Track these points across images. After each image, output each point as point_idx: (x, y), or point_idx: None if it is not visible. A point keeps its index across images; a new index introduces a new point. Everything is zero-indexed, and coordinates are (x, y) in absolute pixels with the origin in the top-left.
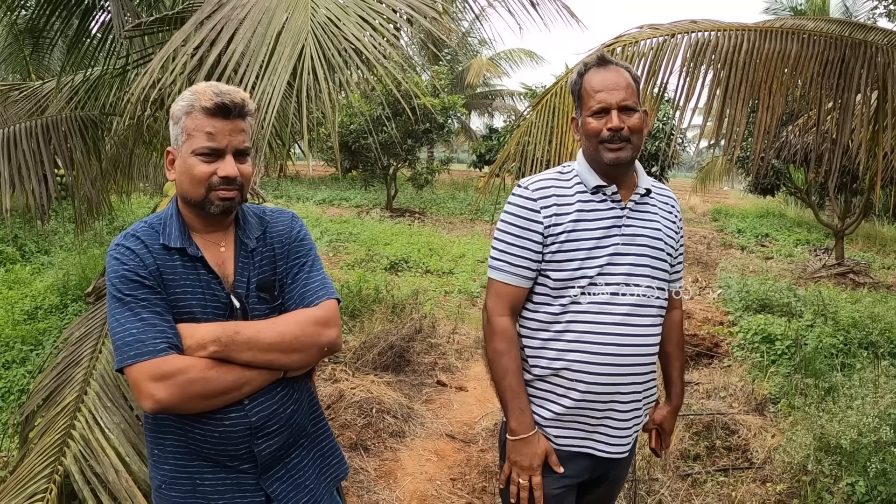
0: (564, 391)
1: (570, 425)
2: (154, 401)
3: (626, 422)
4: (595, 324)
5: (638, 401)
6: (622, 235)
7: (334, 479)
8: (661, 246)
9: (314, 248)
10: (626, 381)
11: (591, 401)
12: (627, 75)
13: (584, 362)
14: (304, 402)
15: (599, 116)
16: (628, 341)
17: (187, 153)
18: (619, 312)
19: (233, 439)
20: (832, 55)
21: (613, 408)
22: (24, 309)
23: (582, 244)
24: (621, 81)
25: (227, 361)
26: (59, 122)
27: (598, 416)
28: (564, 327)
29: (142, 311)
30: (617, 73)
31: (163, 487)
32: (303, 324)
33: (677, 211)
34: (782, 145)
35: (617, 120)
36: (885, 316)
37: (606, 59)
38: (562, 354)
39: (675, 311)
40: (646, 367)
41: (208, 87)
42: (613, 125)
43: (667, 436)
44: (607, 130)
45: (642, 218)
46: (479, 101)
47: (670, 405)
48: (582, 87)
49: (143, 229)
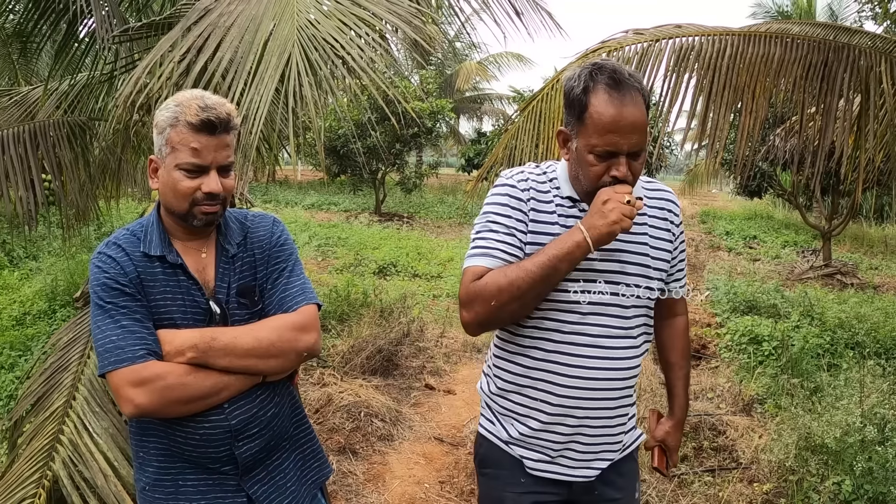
0: (528, 411)
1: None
2: (134, 406)
3: (591, 445)
4: (566, 343)
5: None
6: (601, 250)
7: (315, 482)
8: (645, 261)
9: (295, 252)
10: (596, 403)
11: (557, 423)
12: (641, 104)
13: (552, 382)
14: (286, 405)
15: (604, 159)
16: (598, 361)
17: (171, 166)
18: (593, 332)
19: (213, 441)
20: (815, 59)
21: (581, 431)
22: (13, 314)
23: None
24: (638, 120)
25: (205, 367)
26: (46, 128)
27: (564, 440)
28: (533, 343)
29: (122, 318)
30: (633, 106)
31: (147, 489)
32: (280, 329)
33: (674, 214)
34: (769, 149)
35: (625, 170)
36: (871, 316)
37: (621, 79)
38: (530, 372)
39: (680, 318)
40: (619, 382)
41: (194, 99)
42: (621, 174)
43: (672, 453)
44: (610, 177)
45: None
46: (467, 104)
47: (673, 419)
48: (587, 112)
49: (125, 237)
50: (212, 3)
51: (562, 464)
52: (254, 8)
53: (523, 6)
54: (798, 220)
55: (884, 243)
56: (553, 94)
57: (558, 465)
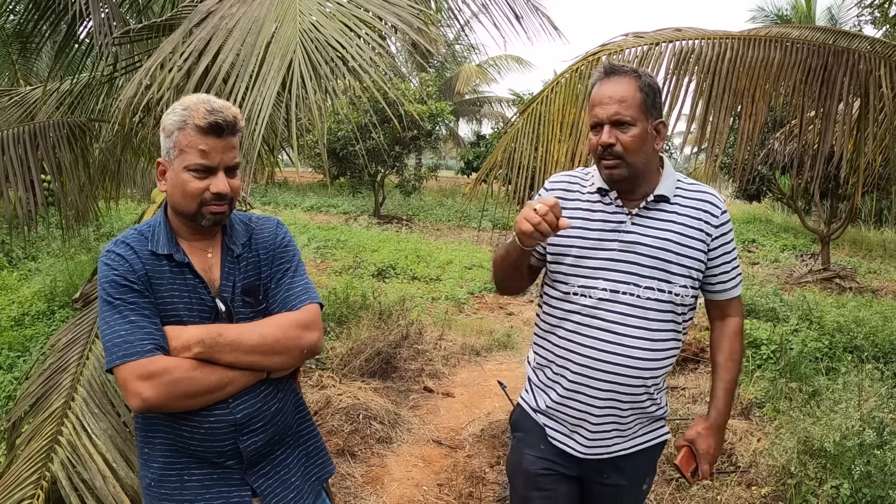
0: (552, 384)
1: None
2: (141, 399)
3: (600, 426)
4: (584, 325)
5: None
6: (620, 242)
7: (319, 478)
8: (667, 257)
9: (298, 254)
10: (604, 388)
11: (571, 398)
12: (633, 85)
13: (570, 360)
14: (289, 401)
15: (596, 131)
16: (611, 349)
17: (180, 168)
18: (608, 319)
19: (218, 436)
20: (815, 63)
21: (590, 412)
22: (11, 315)
23: (577, 241)
24: (617, 93)
25: (211, 362)
26: (46, 129)
27: (577, 417)
28: (558, 322)
29: (130, 313)
30: (617, 84)
31: (152, 485)
32: (284, 327)
33: (712, 215)
34: (768, 152)
35: (606, 135)
36: (870, 320)
37: (613, 68)
38: (554, 349)
39: (730, 320)
40: (631, 378)
41: (201, 102)
42: (602, 141)
43: (702, 459)
44: (599, 146)
45: (647, 225)
46: (467, 107)
47: (707, 422)
48: (590, 99)
49: (133, 236)
50: (214, 6)
51: (576, 440)
52: (256, 10)
53: (522, 10)
54: (797, 223)
55: (882, 247)
56: (553, 96)
57: (573, 440)
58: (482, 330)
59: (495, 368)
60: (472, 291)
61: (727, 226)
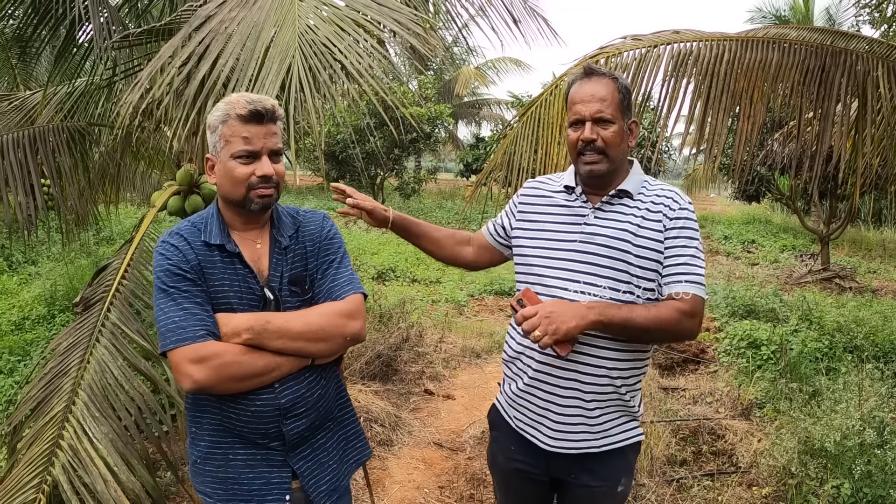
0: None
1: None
2: (192, 381)
3: (565, 416)
4: None
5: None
6: (582, 234)
7: (356, 461)
8: (625, 247)
9: (343, 245)
10: (566, 378)
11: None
12: (612, 86)
13: (534, 349)
14: (332, 388)
15: (576, 128)
16: None
17: (226, 158)
18: None
19: (263, 418)
20: (813, 64)
21: (550, 408)
22: (12, 319)
23: (541, 234)
24: (598, 92)
25: (259, 348)
26: (46, 133)
27: (541, 406)
28: None
29: (184, 301)
30: (597, 84)
31: (198, 462)
32: (329, 315)
33: (670, 208)
34: (767, 153)
35: (589, 132)
36: (870, 320)
37: (592, 70)
38: (522, 340)
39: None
40: (594, 368)
41: (240, 97)
42: (585, 136)
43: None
44: (581, 141)
45: (608, 218)
46: (466, 110)
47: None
48: (567, 99)
49: (187, 228)
50: (213, 10)
51: (542, 431)
52: (255, 14)
53: (520, 13)
54: (796, 224)
55: (882, 247)
56: (552, 99)
57: (539, 431)
58: (482, 332)
59: (495, 370)
60: (471, 294)
61: (684, 221)
